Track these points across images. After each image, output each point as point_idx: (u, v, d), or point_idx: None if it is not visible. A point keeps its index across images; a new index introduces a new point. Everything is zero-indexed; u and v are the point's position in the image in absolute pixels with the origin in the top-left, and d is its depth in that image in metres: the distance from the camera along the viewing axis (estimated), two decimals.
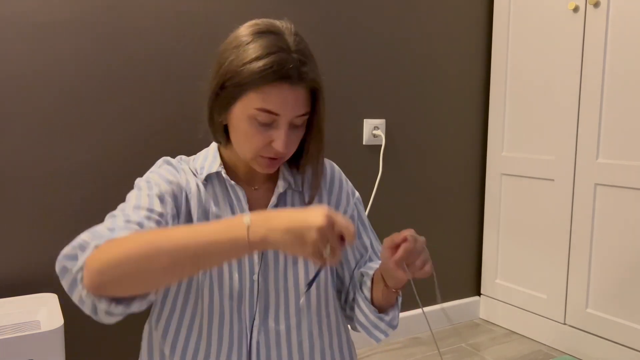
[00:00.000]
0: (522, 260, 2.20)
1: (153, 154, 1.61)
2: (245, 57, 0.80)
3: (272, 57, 0.79)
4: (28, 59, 1.43)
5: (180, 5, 1.62)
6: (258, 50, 0.80)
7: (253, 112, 0.81)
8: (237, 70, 0.81)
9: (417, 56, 2.11)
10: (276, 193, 0.92)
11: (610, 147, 1.84)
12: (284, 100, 0.80)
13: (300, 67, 0.80)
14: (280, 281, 0.91)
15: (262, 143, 0.84)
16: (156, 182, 0.86)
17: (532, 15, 2.09)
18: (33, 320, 1.31)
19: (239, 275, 0.89)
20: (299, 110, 0.83)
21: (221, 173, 0.91)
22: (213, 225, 0.68)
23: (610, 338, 1.87)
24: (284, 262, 0.91)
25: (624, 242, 1.82)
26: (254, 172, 0.94)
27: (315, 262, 0.74)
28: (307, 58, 0.83)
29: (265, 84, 0.79)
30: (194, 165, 0.93)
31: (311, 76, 0.82)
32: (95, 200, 1.54)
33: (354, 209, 1.01)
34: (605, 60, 1.84)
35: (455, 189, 2.29)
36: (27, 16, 1.41)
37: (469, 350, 2.05)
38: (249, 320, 0.89)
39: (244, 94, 0.81)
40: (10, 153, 1.42)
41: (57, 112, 1.47)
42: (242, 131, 0.84)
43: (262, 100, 0.80)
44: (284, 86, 0.80)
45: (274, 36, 0.82)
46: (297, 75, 0.80)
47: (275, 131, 0.83)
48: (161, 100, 1.62)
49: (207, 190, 0.91)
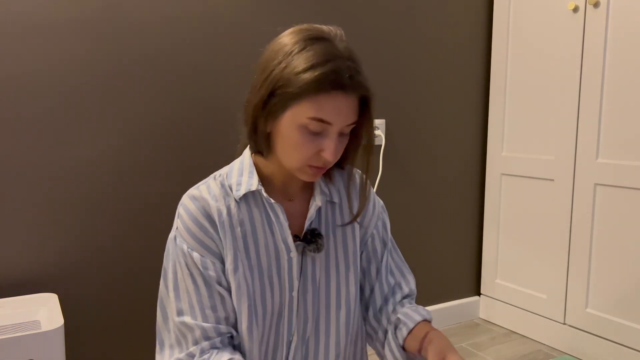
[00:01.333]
0: (522, 260, 2.20)
1: (155, 155, 1.61)
2: (298, 65, 0.78)
3: (329, 66, 0.77)
4: (29, 59, 1.43)
5: (184, 5, 1.62)
6: (312, 58, 0.78)
7: (305, 121, 0.79)
8: (290, 79, 0.78)
9: (417, 56, 2.11)
10: (314, 206, 0.91)
11: (610, 147, 1.84)
12: (338, 109, 0.79)
13: (354, 75, 0.79)
14: (316, 295, 0.91)
15: (312, 152, 0.82)
16: (193, 264, 0.86)
17: (532, 15, 2.09)
18: (33, 320, 1.31)
19: (280, 292, 0.89)
20: (350, 119, 0.82)
21: (259, 191, 0.89)
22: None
23: (610, 338, 1.87)
24: (324, 278, 0.92)
25: (623, 242, 1.82)
26: (291, 183, 0.93)
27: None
28: (359, 66, 0.82)
29: (321, 93, 0.78)
30: (229, 182, 0.90)
31: (365, 84, 0.81)
32: (95, 200, 1.54)
33: (378, 219, 1.01)
34: (605, 60, 1.84)
35: (455, 189, 2.29)
36: (31, 16, 1.41)
37: (469, 350, 2.05)
38: (287, 336, 0.90)
39: (297, 102, 0.79)
40: (11, 153, 1.42)
41: (56, 113, 1.47)
42: (291, 140, 0.82)
43: (316, 110, 0.79)
44: (339, 95, 0.79)
45: (327, 43, 0.80)
46: (351, 84, 0.79)
47: (325, 140, 0.81)
48: (165, 99, 1.62)
49: (240, 208, 0.89)
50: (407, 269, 1.03)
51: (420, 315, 0.92)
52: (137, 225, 1.61)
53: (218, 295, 0.86)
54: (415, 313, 0.92)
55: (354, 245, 0.96)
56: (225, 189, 0.90)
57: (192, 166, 1.68)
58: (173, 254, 0.89)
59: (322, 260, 0.93)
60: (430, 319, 0.93)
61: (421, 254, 2.22)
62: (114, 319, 1.59)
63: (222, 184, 0.90)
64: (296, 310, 0.90)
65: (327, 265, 0.93)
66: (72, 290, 1.53)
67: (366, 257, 0.99)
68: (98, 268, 1.56)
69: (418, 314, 0.92)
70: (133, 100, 1.58)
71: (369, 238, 0.99)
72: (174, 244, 0.89)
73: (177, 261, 0.88)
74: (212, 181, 0.91)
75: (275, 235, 0.90)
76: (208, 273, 0.86)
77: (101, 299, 1.57)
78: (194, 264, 0.87)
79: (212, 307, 0.86)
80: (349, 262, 0.94)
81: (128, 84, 1.56)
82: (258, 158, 0.92)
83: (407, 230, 2.17)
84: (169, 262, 0.90)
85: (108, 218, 1.56)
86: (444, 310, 2.29)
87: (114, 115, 1.55)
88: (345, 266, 0.94)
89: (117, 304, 1.59)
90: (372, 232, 1.00)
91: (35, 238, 1.47)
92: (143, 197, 1.61)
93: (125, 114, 1.57)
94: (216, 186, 0.90)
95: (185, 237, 0.87)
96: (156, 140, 1.62)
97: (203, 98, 1.68)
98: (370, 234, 1.00)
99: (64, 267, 1.51)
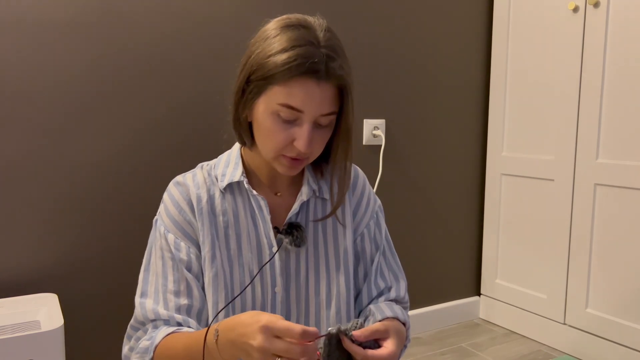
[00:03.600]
0: (522, 260, 2.20)
1: (156, 155, 1.61)
2: (270, 50, 0.77)
3: (298, 50, 0.75)
4: (29, 59, 1.43)
5: (188, 4, 1.62)
6: (285, 42, 0.76)
7: (276, 107, 0.78)
8: (261, 63, 0.77)
9: (416, 56, 2.11)
10: (299, 200, 0.89)
11: (610, 147, 1.84)
12: (309, 96, 0.76)
13: (328, 62, 0.76)
14: (302, 292, 0.90)
15: (284, 141, 0.80)
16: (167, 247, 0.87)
17: (532, 15, 2.09)
18: (33, 320, 1.31)
19: (261, 288, 0.88)
20: (325, 108, 0.79)
21: (243, 183, 0.89)
22: (195, 345, 0.76)
23: (609, 338, 1.87)
24: (305, 273, 0.90)
25: (623, 241, 1.82)
26: (278, 177, 0.92)
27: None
28: (337, 54, 0.78)
29: (290, 77, 0.75)
30: (215, 172, 0.91)
31: (339, 73, 0.78)
32: (95, 200, 1.54)
33: (371, 218, 0.98)
34: (605, 60, 1.84)
35: (455, 189, 2.29)
36: (31, 16, 1.41)
37: (469, 350, 2.05)
38: None
39: (268, 87, 0.78)
40: (11, 153, 1.42)
41: (58, 113, 1.47)
42: (264, 128, 0.80)
43: (286, 95, 0.76)
44: (310, 82, 0.76)
45: (303, 30, 0.78)
46: (324, 70, 0.76)
47: (298, 129, 0.79)
48: (167, 100, 1.62)
49: (225, 198, 0.89)
50: (400, 274, 0.99)
51: (391, 312, 0.87)
52: (137, 225, 1.61)
53: (185, 282, 0.86)
54: (387, 308, 0.88)
55: (346, 244, 0.93)
56: (212, 178, 0.91)
57: (193, 167, 1.67)
58: (152, 236, 0.91)
59: (311, 257, 0.91)
60: (403, 321, 0.88)
61: (421, 254, 2.22)
62: (114, 319, 1.59)
63: (209, 173, 0.91)
64: (280, 308, 0.88)
65: (316, 263, 0.91)
66: (72, 290, 1.53)
67: (354, 256, 0.96)
68: (98, 268, 1.56)
69: (390, 310, 0.88)
70: (134, 101, 1.57)
71: (359, 237, 0.96)
72: (155, 227, 0.91)
73: (154, 243, 0.90)
74: (199, 170, 0.93)
75: (258, 229, 0.89)
76: (179, 256, 0.86)
77: (101, 299, 1.57)
78: (167, 246, 0.87)
79: (175, 292, 0.86)
80: (339, 261, 0.92)
81: (129, 85, 1.56)
82: (246, 150, 0.92)
83: (407, 230, 2.17)
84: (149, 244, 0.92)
85: (108, 218, 1.56)
86: (444, 310, 2.29)
87: (115, 116, 1.55)
88: (336, 265, 0.92)
89: (117, 304, 1.59)
90: (362, 230, 0.97)
91: (35, 238, 1.47)
92: (144, 197, 1.61)
93: (127, 115, 1.57)
94: (202, 175, 0.91)
95: (165, 219, 0.89)
96: (157, 141, 1.62)
97: (205, 99, 1.68)
98: (360, 233, 0.96)
99: (64, 267, 1.51)
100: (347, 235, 0.94)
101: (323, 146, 0.85)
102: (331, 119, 0.82)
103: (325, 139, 0.84)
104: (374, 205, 0.99)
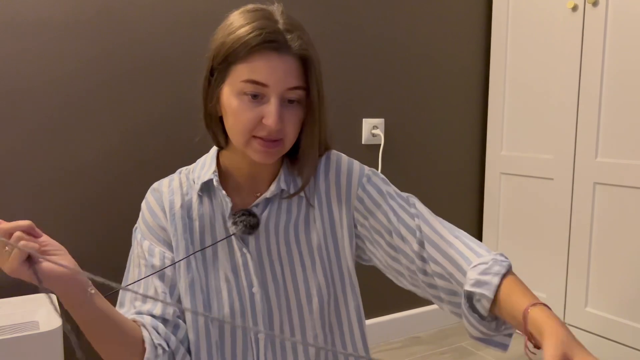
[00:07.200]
0: (521, 259, 2.20)
1: (155, 155, 1.61)
2: (229, 30, 0.78)
3: (258, 24, 0.76)
4: (29, 59, 1.42)
5: (185, 5, 1.61)
6: (241, 21, 0.77)
7: (240, 85, 0.77)
8: (220, 45, 0.78)
9: (416, 55, 2.11)
10: (262, 197, 0.87)
11: (609, 146, 1.84)
12: (271, 69, 0.75)
13: (286, 34, 0.76)
14: (281, 289, 0.88)
15: (253, 120, 0.77)
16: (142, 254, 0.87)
17: (530, 14, 2.09)
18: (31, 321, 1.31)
19: (238, 290, 0.86)
20: (290, 82, 0.77)
21: (212, 181, 0.86)
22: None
23: (609, 337, 1.87)
24: (280, 270, 0.88)
25: (623, 241, 1.81)
26: (258, 176, 0.89)
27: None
28: (295, 27, 0.78)
29: (250, 52, 0.75)
30: (193, 176, 0.90)
31: (299, 43, 0.77)
32: (94, 200, 1.54)
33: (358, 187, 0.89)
34: (604, 59, 1.83)
35: (454, 188, 2.29)
36: (31, 16, 1.41)
37: (469, 350, 2.05)
38: (254, 334, 0.87)
39: (231, 68, 0.77)
40: (10, 153, 1.42)
41: (56, 113, 1.47)
42: (232, 110, 0.78)
43: (248, 71, 0.76)
44: (272, 54, 0.75)
45: (260, 12, 0.79)
46: (283, 40, 0.76)
47: (265, 106, 0.77)
48: (165, 100, 1.61)
49: (202, 202, 0.87)
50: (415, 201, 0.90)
51: (494, 275, 0.79)
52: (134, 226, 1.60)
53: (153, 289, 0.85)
54: (486, 275, 0.79)
55: (318, 240, 0.89)
56: (190, 182, 0.90)
57: None
58: (132, 244, 0.92)
59: (284, 254, 0.88)
60: (507, 268, 0.80)
61: None
62: None
63: (187, 177, 0.91)
64: (260, 307, 0.86)
65: (290, 260, 0.88)
66: None
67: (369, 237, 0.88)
68: (97, 268, 1.56)
69: (492, 274, 0.79)
70: (132, 101, 1.57)
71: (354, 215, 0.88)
72: (134, 235, 0.92)
73: (132, 251, 0.90)
74: (177, 175, 0.92)
75: (228, 231, 0.87)
76: (152, 261, 0.86)
77: None
78: (143, 254, 0.87)
79: (143, 299, 0.85)
80: (314, 257, 0.89)
81: (128, 85, 1.56)
82: (224, 153, 0.90)
83: None
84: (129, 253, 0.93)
85: (107, 218, 1.56)
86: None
87: (113, 116, 1.55)
88: (311, 260, 0.89)
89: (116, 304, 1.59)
90: (355, 204, 0.88)
91: None
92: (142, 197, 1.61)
93: (124, 115, 1.56)
94: (178, 179, 0.91)
95: (141, 226, 0.90)
96: (156, 141, 1.62)
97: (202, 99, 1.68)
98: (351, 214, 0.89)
99: None
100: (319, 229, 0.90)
101: (296, 127, 0.81)
102: (299, 95, 0.79)
103: (297, 118, 0.81)
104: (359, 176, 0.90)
